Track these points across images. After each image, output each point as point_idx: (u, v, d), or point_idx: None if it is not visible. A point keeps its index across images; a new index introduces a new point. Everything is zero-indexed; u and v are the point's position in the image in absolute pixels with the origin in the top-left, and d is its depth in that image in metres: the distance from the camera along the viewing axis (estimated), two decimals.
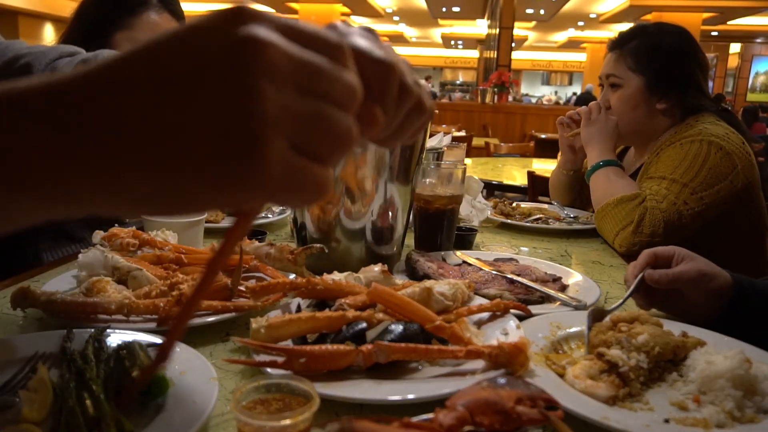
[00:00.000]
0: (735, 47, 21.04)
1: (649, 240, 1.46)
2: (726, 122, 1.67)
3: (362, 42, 0.42)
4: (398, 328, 0.81)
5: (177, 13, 1.77)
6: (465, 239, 1.47)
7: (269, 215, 1.69)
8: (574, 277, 1.23)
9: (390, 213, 1.21)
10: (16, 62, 0.89)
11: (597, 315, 0.94)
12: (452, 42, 27.05)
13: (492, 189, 2.20)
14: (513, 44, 11.75)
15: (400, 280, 1.06)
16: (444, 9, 17.40)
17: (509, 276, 1.15)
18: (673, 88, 1.70)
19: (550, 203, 2.09)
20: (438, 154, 1.68)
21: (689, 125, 1.66)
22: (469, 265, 1.25)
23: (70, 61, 0.86)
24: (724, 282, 0.99)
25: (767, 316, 0.98)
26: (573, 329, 0.94)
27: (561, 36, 23.49)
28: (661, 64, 1.69)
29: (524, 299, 1.07)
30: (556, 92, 27.35)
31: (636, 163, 1.86)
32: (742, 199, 1.57)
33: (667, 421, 0.70)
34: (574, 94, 19.04)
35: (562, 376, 0.79)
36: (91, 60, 0.83)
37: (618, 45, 1.76)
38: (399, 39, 25.77)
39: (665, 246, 1.04)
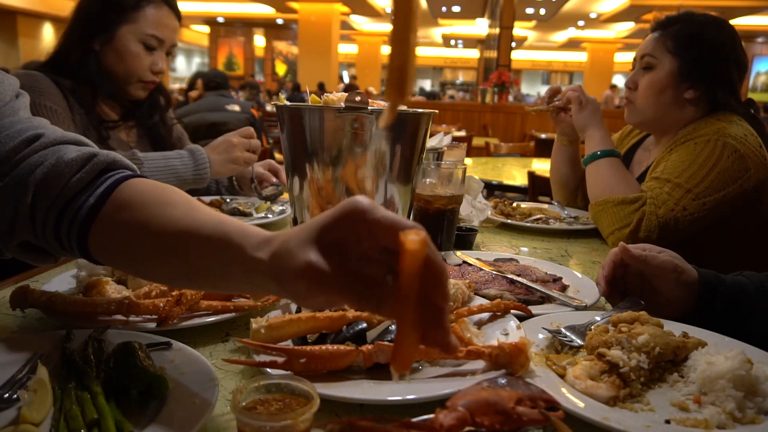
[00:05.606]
0: None
1: (643, 242, 1.45)
2: (750, 125, 1.64)
3: None
4: None
5: (174, 8, 1.77)
6: (465, 239, 1.47)
7: (269, 215, 1.69)
8: (574, 278, 1.23)
9: None
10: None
11: None
12: (452, 42, 27.04)
13: (492, 189, 2.20)
14: (513, 44, 11.73)
15: None
16: (444, 8, 17.40)
17: (509, 276, 1.15)
18: (704, 79, 1.67)
19: (551, 203, 2.09)
20: (438, 154, 1.68)
21: (709, 122, 1.63)
22: (470, 265, 1.25)
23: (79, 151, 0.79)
24: (692, 277, 1.00)
25: (732, 311, 0.98)
26: None
27: (561, 36, 23.48)
28: (699, 52, 1.66)
29: (524, 299, 1.07)
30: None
31: (651, 155, 1.83)
32: (751, 199, 1.56)
33: (667, 421, 0.70)
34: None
35: (562, 376, 0.79)
36: (102, 157, 0.78)
37: (662, 26, 1.73)
38: None
39: (639, 244, 1.06)
